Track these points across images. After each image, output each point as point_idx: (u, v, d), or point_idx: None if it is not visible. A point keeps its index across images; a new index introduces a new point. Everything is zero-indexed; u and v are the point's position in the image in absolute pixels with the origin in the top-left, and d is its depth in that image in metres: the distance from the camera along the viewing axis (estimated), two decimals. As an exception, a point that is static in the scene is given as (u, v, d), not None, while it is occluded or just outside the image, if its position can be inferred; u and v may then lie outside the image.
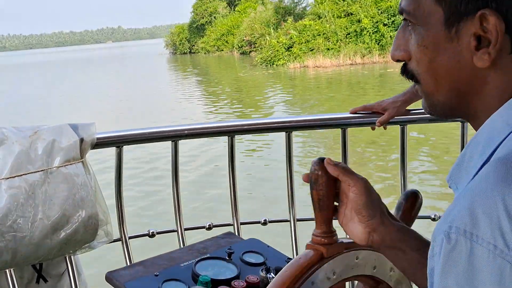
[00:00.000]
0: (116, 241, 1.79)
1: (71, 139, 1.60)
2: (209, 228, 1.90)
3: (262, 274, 1.31)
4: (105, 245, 1.71)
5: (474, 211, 0.60)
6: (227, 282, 1.28)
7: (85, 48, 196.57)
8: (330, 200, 0.89)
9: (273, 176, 7.84)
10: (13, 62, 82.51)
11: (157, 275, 1.29)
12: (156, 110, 16.45)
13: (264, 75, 26.10)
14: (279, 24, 34.92)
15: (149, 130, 1.82)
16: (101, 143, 1.69)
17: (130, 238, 1.83)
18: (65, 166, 1.57)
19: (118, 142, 1.76)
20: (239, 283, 1.27)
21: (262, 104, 17.17)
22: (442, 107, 0.77)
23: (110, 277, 1.29)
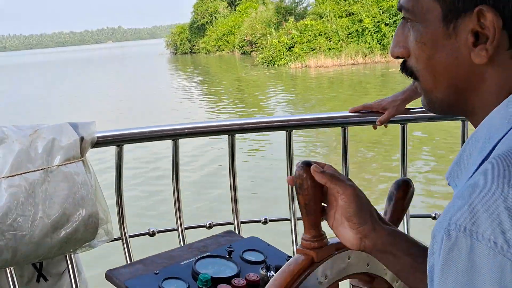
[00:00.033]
0: (116, 240, 1.79)
1: (71, 138, 1.60)
2: (209, 227, 1.90)
3: (262, 272, 1.31)
4: (106, 245, 1.71)
5: (474, 208, 0.59)
6: (227, 280, 1.27)
7: (85, 48, 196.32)
8: (317, 204, 0.87)
9: (275, 176, 7.83)
10: (13, 62, 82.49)
11: (157, 273, 1.29)
12: (157, 110, 16.42)
13: (265, 75, 26.07)
14: (280, 24, 34.89)
15: (149, 129, 1.82)
16: (101, 142, 1.69)
17: (130, 237, 1.83)
18: (65, 164, 1.57)
19: (118, 141, 1.76)
20: (239, 281, 1.27)
21: (265, 104, 17.15)
22: (440, 103, 0.77)
23: (110, 275, 1.29)
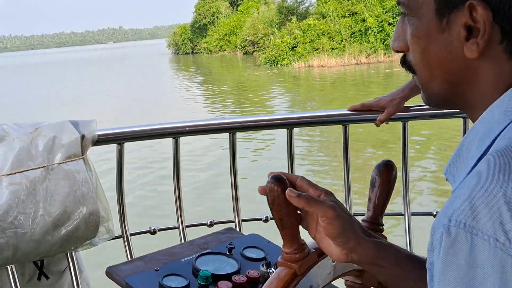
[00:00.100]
0: (117, 238, 1.79)
1: (72, 135, 1.60)
2: (210, 225, 1.89)
3: (263, 269, 1.31)
4: (107, 243, 1.71)
5: (474, 203, 0.59)
6: (227, 277, 1.27)
7: (86, 48, 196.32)
8: (292, 217, 0.84)
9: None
10: (14, 63, 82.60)
11: (157, 270, 1.29)
12: (156, 110, 16.43)
13: (268, 75, 26.05)
14: (283, 23, 34.87)
15: (150, 127, 1.82)
16: (102, 140, 1.69)
17: (131, 235, 1.83)
18: (66, 162, 1.57)
19: (119, 139, 1.76)
20: (239, 278, 1.27)
21: (270, 104, 17.14)
22: (437, 98, 0.77)
23: (111, 272, 1.29)
